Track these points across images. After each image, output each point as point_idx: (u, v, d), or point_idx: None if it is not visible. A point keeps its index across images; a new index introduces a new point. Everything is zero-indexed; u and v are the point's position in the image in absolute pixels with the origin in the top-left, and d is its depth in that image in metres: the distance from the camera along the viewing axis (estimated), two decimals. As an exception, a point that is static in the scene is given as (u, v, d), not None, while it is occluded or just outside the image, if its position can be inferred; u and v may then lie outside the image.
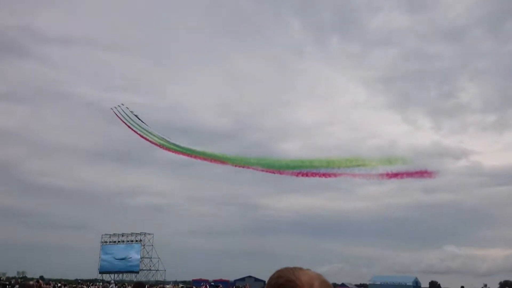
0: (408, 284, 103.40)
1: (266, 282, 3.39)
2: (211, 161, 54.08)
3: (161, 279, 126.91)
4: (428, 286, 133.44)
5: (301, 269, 3.12)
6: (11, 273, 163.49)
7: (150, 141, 61.12)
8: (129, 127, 63.67)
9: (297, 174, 39.04)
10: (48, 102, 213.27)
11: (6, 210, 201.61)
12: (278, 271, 3.15)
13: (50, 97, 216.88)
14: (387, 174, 31.30)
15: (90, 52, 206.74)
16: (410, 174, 30.50)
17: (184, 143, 60.46)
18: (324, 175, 35.45)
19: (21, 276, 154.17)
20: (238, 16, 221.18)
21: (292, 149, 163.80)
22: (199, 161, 58.29)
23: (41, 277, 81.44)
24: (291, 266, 3.10)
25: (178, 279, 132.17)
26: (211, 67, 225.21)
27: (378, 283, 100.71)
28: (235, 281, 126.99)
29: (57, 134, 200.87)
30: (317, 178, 38.31)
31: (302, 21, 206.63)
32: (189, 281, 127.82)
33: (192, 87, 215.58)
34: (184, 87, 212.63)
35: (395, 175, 31.12)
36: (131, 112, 65.81)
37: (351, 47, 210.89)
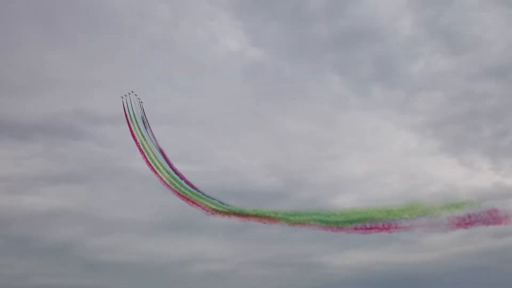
0: None
1: None
2: (264, 222, 52.70)
3: None
4: None
5: None
6: None
7: (201, 207, 61.04)
8: (179, 194, 64.29)
9: (356, 229, 36.56)
10: (105, 179, 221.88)
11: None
12: None
13: (107, 175, 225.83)
14: (457, 223, 28.72)
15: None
16: (484, 222, 27.70)
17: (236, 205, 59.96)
18: (387, 228, 32.86)
19: None
20: (278, 78, 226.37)
21: (346, 202, 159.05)
22: (252, 223, 57.25)
23: None
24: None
25: None
26: (257, 130, 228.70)
27: None
28: None
29: (115, 210, 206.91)
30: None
31: (342, 76, 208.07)
32: None
33: (240, 151, 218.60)
34: (232, 151, 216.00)
35: (466, 224, 28.40)
36: (139, 99, 70.02)
37: (395, 94, 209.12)
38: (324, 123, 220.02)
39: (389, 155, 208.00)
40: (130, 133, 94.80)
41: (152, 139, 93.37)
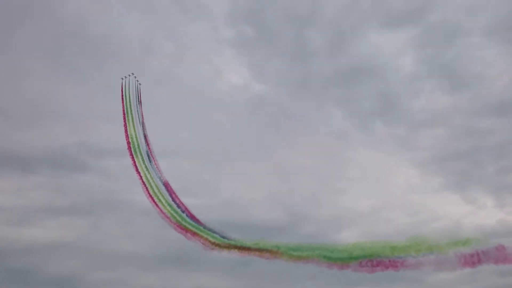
0: None
1: None
2: (265, 256, 51.86)
3: None
4: None
5: None
6: None
7: (200, 241, 60.32)
8: (178, 227, 63.71)
9: (362, 267, 35.83)
10: (108, 212, 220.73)
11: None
12: None
13: (108, 207, 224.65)
14: (464, 261, 28.33)
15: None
16: (492, 260, 27.31)
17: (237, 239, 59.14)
18: (394, 266, 32.18)
19: None
20: (281, 112, 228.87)
21: (350, 237, 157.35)
22: (256, 259, 56.41)
23: None
24: None
25: None
26: (259, 162, 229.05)
27: None
28: None
29: (117, 243, 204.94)
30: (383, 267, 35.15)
31: (344, 111, 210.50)
32: None
33: (242, 184, 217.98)
34: (234, 184, 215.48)
35: (474, 262, 27.98)
36: (137, 81, 73.34)
37: (396, 130, 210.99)
38: (327, 157, 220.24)
39: (392, 190, 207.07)
40: (133, 166, 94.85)
41: (157, 172, 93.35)
